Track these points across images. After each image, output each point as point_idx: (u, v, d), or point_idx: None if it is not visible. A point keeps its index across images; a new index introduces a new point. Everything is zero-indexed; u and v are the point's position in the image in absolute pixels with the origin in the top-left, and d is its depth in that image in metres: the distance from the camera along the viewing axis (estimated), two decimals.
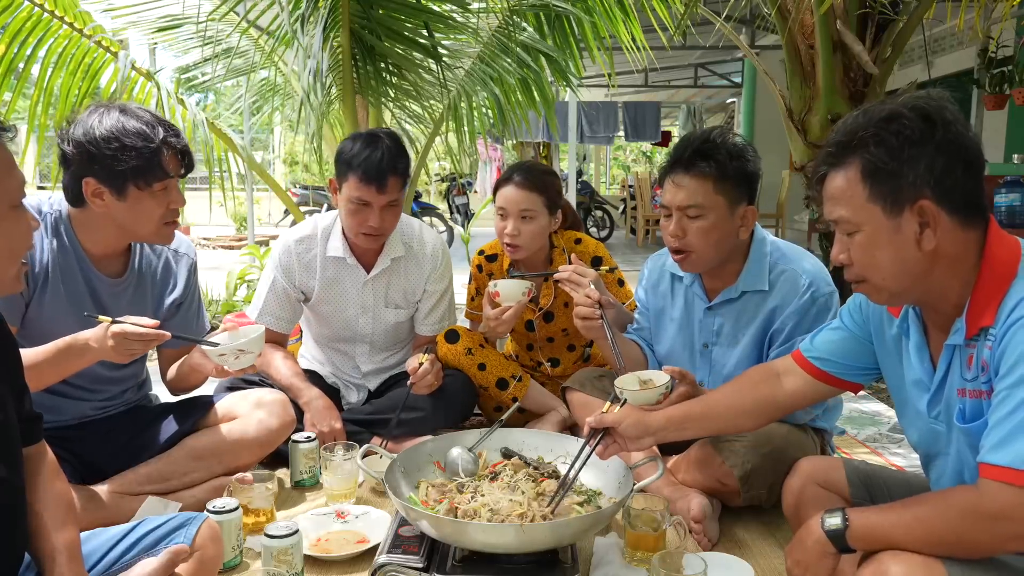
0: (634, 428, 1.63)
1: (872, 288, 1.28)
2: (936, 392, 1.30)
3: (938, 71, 8.11)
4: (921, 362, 1.33)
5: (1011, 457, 1.08)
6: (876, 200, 1.20)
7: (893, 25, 3.86)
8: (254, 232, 8.97)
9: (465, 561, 1.61)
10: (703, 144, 1.90)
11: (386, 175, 2.25)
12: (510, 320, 2.35)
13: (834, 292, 1.97)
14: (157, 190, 1.79)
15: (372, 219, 2.29)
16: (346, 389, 2.64)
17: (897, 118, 1.19)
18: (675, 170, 1.92)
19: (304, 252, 2.47)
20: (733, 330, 2.04)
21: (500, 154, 15.28)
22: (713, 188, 1.88)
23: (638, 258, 8.95)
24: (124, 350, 1.70)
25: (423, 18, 3.17)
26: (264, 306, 2.49)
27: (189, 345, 2.08)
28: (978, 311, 1.20)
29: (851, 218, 1.23)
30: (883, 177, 1.19)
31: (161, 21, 3.50)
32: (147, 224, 1.83)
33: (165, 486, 2.00)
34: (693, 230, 1.91)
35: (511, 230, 2.44)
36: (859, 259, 1.25)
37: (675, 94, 15.61)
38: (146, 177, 1.76)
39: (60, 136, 1.79)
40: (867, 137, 1.20)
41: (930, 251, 1.20)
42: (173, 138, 1.81)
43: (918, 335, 1.34)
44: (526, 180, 2.45)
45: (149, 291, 2.02)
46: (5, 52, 2.87)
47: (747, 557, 1.85)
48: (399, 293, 2.55)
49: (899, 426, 2.95)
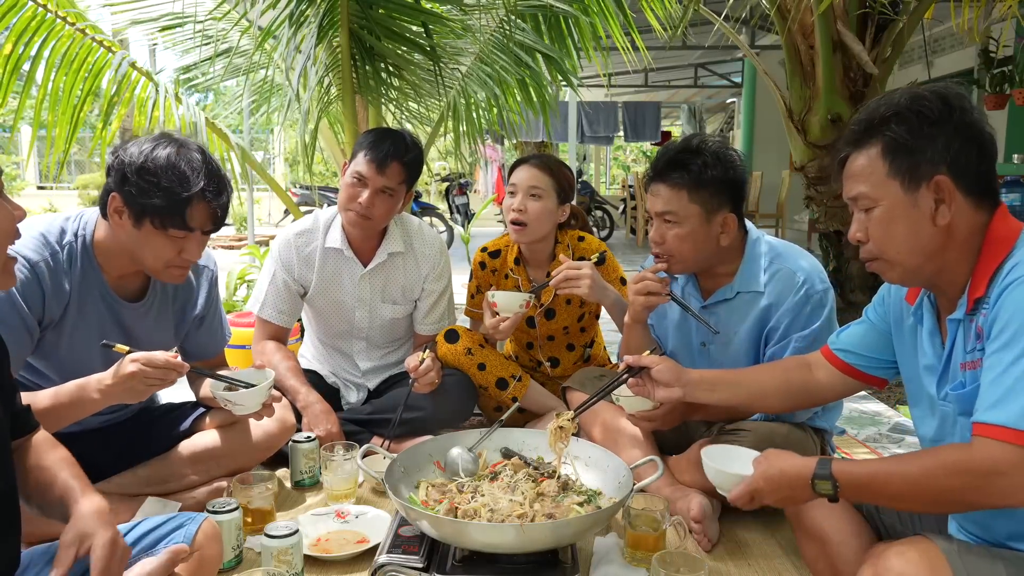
0: (668, 373, 1.64)
1: (886, 265, 1.31)
2: (943, 371, 1.31)
3: (938, 71, 8.12)
4: (933, 346, 1.35)
5: (1004, 416, 1.10)
6: (895, 175, 1.25)
7: (893, 25, 3.86)
8: (254, 232, 8.97)
9: (465, 561, 1.61)
10: (678, 154, 1.94)
11: (389, 159, 2.32)
12: (507, 331, 2.36)
13: (829, 289, 1.97)
14: (173, 236, 1.74)
15: (363, 197, 2.33)
16: (346, 389, 2.64)
17: (918, 99, 1.25)
18: (653, 179, 1.98)
19: (304, 245, 2.50)
20: (727, 329, 2.04)
21: (500, 154, 15.29)
22: (688, 198, 1.91)
23: (638, 258, 8.95)
24: (142, 385, 1.64)
25: (422, 18, 3.17)
26: (265, 299, 2.51)
27: (216, 357, 2.15)
28: (975, 285, 1.24)
29: (870, 193, 1.28)
30: (903, 153, 1.24)
31: (163, 20, 3.50)
32: (153, 261, 1.78)
33: (164, 488, 2.00)
34: (671, 237, 1.95)
35: (518, 204, 2.47)
36: (876, 234, 1.29)
37: (675, 94, 15.62)
38: (164, 221, 1.72)
39: (114, 148, 1.77)
40: (889, 116, 1.26)
41: (944, 227, 1.24)
42: (211, 193, 1.74)
43: (931, 321, 1.36)
44: (540, 162, 2.53)
45: (171, 310, 2.01)
46: (11, 52, 2.87)
47: (747, 557, 1.85)
48: (397, 289, 2.56)
49: (899, 426, 2.96)
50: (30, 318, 1.72)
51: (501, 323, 2.33)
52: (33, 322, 1.73)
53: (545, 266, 2.60)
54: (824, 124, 3.94)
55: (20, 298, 1.69)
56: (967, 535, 1.30)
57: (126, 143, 1.77)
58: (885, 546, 1.23)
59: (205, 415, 2.11)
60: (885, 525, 1.50)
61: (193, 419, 2.10)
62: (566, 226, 2.63)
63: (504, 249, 2.69)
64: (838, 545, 1.45)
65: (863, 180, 1.29)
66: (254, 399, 1.89)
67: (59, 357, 1.81)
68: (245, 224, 10.38)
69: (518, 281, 2.64)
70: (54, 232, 1.79)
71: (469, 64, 3.73)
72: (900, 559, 1.15)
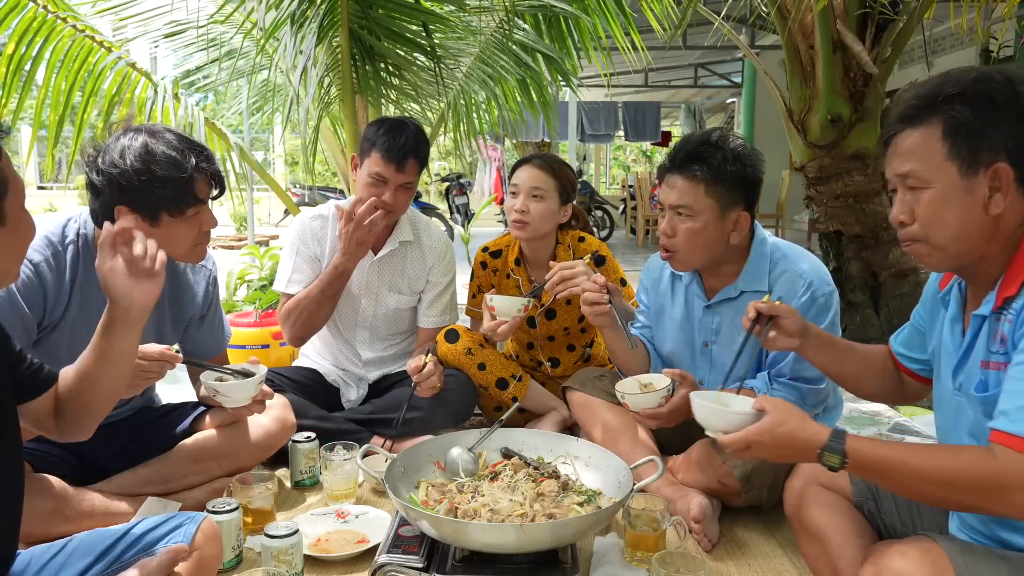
0: (795, 324, 1.58)
1: (929, 249, 1.26)
2: (960, 362, 1.29)
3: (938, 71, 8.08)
4: (952, 333, 1.33)
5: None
6: (953, 158, 1.19)
7: (893, 25, 3.86)
8: (254, 232, 8.98)
9: (465, 561, 1.61)
10: (699, 147, 1.91)
11: (407, 156, 2.36)
12: (505, 334, 2.36)
13: (834, 292, 1.97)
14: (190, 216, 1.77)
15: (387, 195, 2.38)
16: (346, 387, 2.64)
17: (987, 80, 1.18)
18: (670, 170, 1.94)
19: (318, 228, 2.56)
20: (731, 329, 2.04)
21: (500, 154, 15.29)
22: (704, 191, 1.88)
23: (638, 258, 8.95)
24: (139, 375, 1.66)
25: (422, 18, 3.17)
26: (292, 274, 2.52)
27: (217, 356, 2.16)
28: (1008, 282, 1.20)
29: (923, 173, 1.22)
30: (964, 135, 1.18)
31: (166, 27, 3.50)
32: (179, 248, 1.80)
33: (164, 488, 1.99)
34: (682, 230, 1.92)
35: (520, 206, 2.48)
36: (925, 216, 1.23)
37: (675, 94, 15.64)
38: (179, 205, 1.74)
39: (87, 164, 1.74)
40: (954, 95, 1.19)
41: (995, 217, 1.20)
42: (205, 163, 1.77)
43: (956, 308, 1.35)
44: (542, 162, 2.53)
45: (168, 308, 2.01)
46: (13, 52, 2.87)
47: (747, 557, 1.85)
48: (403, 279, 2.60)
49: (899, 426, 2.95)
50: (29, 318, 1.72)
51: (499, 327, 2.34)
52: (32, 322, 1.73)
53: (546, 266, 2.60)
54: (824, 124, 3.93)
55: (21, 298, 1.69)
56: (968, 534, 1.30)
57: (92, 158, 1.74)
58: (887, 545, 1.22)
59: (205, 414, 2.11)
60: (886, 525, 1.50)
61: (193, 418, 2.10)
62: (567, 226, 2.63)
63: (505, 249, 2.69)
64: (839, 545, 1.45)
65: (917, 159, 1.22)
66: (244, 392, 1.89)
67: (59, 357, 1.81)
68: (245, 224, 10.38)
69: (519, 281, 2.64)
70: (56, 232, 1.80)
71: (469, 64, 3.73)
72: (902, 559, 1.15)
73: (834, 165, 3.94)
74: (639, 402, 1.84)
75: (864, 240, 3.96)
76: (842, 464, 1.20)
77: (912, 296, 3.89)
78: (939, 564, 1.12)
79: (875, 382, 1.62)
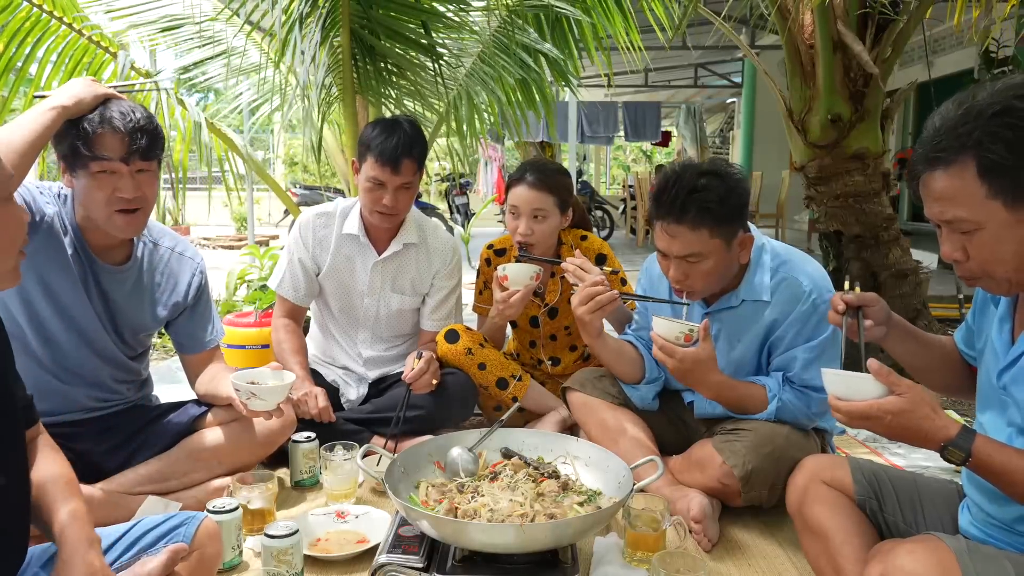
0: (881, 312, 1.54)
1: (994, 283, 1.25)
2: (1008, 366, 1.29)
3: (938, 71, 8.12)
4: (1000, 332, 1.33)
5: None
6: (996, 196, 1.17)
7: (893, 25, 3.85)
8: (254, 232, 8.98)
9: (465, 561, 1.61)
10: (692, 194, 1.81)
11: (401, 158, 2.35)
12: (518, 304, 2.36)
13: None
14: (94, 171, 1.75)
15: (386, 198, 2.39)
16: (345, 386, 2.64)
17: (1008, 112, 1.15)
18: (666, 218, 1.85)
19: (321, 227, 2.56)
20: (729, 336, 2.03)
21: (500, 154, 15.29)
22: (709, 234, 1.82)
23: (638, 258, 8.95)
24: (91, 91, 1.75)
25: (423, 18, 3.17)
26: (283, 278, 2.58)
27: (209, 351, 2.16)
28: None
29: (970, 217, 1.19)
30: (1002, 172, 1.16)
31: (163, 22, 3.49)
32: (95, 208, 1.79)
33: (164, 486, 2.00)
34: (696, 273, 1.87)
35: (524, 230, 2.48)
36: (981, 257, 1.22)
37: (675, 94, 15.64)
38: (80, 157, 1.74)
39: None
40: (980, 136, 1.16)
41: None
42: (117, 119, 1.75)
43: (1006, 307, 1.34)
44: (539, 180, 2.48)
45: (147, 286, 2.01)
46: (4, 51, 2.87)
47: (747, 557, 1.85)
48: (407, 280, 2.60)
49: None
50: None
51: (511, 296, 2.35)
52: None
53: (548, 265, 2.60)
54: (824, 124, 3.92)
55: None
56: (980, 527, 1.30)
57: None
58: (894, 544, 1.23)
59: (206, 413, 2.11)
60: (888, 524, 1.50)
61: (194, 417, 2.10)
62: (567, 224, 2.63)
63: (509, 248, 2.70)
64: (840, 542, 1.45)
65: (959, 205, 1.19)
66: (275, 396, 1.95)
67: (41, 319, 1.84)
68: (245, 224, 10.38)
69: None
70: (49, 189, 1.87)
71: (470, 64, 3.73)
72: (910, 557, 1.15)
73: (834, 165, 3.93)
74: (662, 327, 1.84)
75: (864, 240, 3.95)
76: (964, 461, 1.20)
77: (912, 296, 3.88)
78: (946, 564, 1.13)
79: (947, 375, 1.60)
